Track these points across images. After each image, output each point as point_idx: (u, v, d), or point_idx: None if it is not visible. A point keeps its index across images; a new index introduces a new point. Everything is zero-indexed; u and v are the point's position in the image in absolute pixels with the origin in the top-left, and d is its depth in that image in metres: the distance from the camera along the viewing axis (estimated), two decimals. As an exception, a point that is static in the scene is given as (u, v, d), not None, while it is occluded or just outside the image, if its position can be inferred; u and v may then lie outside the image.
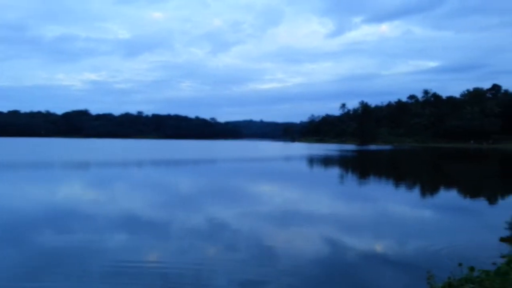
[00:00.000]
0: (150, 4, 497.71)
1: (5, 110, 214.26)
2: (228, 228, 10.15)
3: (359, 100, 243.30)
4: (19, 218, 11.08)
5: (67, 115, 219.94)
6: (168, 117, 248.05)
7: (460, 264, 5.00)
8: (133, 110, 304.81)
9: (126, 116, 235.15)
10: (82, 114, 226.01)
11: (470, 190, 19.90)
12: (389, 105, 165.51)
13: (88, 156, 46.10)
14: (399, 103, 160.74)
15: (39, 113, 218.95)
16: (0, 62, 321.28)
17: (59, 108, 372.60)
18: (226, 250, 8.23)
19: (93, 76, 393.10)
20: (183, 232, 9.68)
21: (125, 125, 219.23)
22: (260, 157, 49.04)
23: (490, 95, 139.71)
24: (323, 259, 7.69)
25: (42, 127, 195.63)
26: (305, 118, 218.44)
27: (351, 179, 24.70)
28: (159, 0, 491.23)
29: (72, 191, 16.98)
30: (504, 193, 19.00)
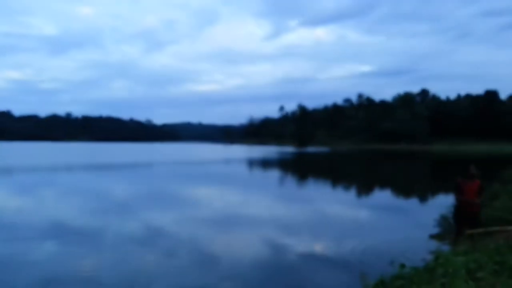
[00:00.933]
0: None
1: None
2: (165, 234, 9.87)
3: (297, 102, 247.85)
4: None
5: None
6: (100, 119, 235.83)
7: (391, 263, 5.16)
8: (61, 111, 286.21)
9: (53, 118, 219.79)
10: (4, 115, 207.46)
11: (401, 190, 20.49)
12: (326, 108, 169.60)
13: (8, 160, 42.47)
14: (335, 106, 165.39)
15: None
16: None
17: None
18: (164, 257, 7.97)
19: (15, 74, 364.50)
20: (118, 240, 9.22)
21: (52, 128, 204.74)
22: (198, 161, 47.96)
23: (419, 99, 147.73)
24: (263, 261, 7.72)
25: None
26: (244, 120, 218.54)
27: (289, 181, 24.82)
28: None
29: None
30: (433, 192, 19.53)
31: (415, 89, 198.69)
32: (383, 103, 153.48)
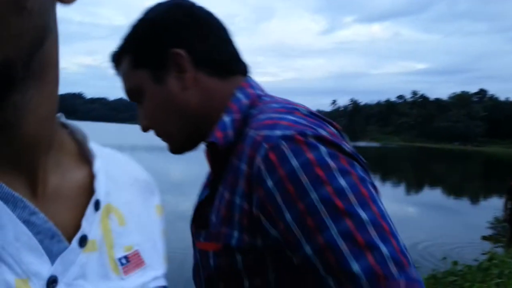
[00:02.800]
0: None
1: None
2: None
3: (349, 97, 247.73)
4: None
5: (61, 97, 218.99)
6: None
7: (444, 258, 5.04)
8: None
9: (121, 101, 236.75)
10: (76, 97, 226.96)
11: (453, 190, 20.66)
12: (378, 103, 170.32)
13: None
14: (388, 102, 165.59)
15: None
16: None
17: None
18: None
19: (87, 60, 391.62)
20: None
21: (119, 110, 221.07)
22: None
23: (476, 99, 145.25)
24: None
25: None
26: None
27: None
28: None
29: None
30: (485, 194, 19.56)
31: (470, 88, 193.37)
32: (437, 101, 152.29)
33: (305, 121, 0.68)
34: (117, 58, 0.86)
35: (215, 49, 0.82)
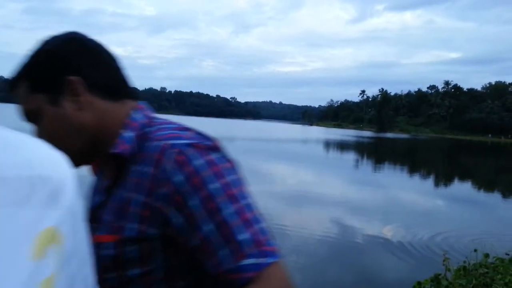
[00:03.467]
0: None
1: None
2: None
3: (378, 87, 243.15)
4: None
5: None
6: (190, 94, 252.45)
7: (475, 250, 5.06)
8: (156, 85, 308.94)
9: (150, 91, 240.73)
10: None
11: (486, 183, 20.28)
12: (408, 94, 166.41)
13: None
14: (419, 92, 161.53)
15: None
16: (28, 32, 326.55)
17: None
18: None
19: (119, 51, 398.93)
20: None
21: (149, 100, 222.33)
22: (280, 139, 51.13)
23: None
24: (336, 241, 7.96)
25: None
26: (324, 103, 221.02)
27: (366, 165, 25.93)
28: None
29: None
30: None
31: (506, 79, 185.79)
32: (471, 91, 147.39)
33: (199, 136, 0.88)
34: (15, 83, 0.92)
35: (106, 75, 0.93)
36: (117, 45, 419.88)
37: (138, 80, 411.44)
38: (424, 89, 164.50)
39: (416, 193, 15.14)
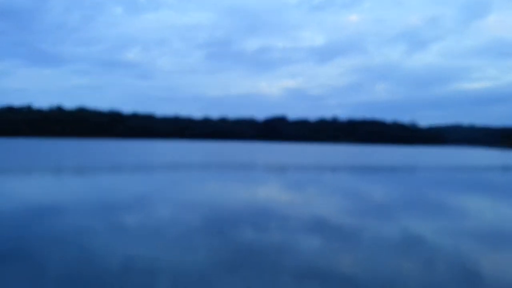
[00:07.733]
0: (344, 8, 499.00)
1: (215, 116, 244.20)
2: (424, 244, 9.48)
3: None
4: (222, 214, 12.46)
5: (268, 121, 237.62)
6: (363, 122, 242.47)
7: None
8: (328, 114, 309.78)
9: (321, 122, 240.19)
10: (280, 120, 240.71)
11: None
12: None
13: (288, 159, 47.78)
14: None
15: (243, 119, 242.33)
16: (211, 74, 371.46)
17: (261, 113, 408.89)
18: (420, 267, 7.65)
19: (290, 83, 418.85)
20: (374, 242, 9.41)
21: (320, 130, 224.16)
22: (466, 166, 43.61)
23: None
24: None
25: (246, 131, 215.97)
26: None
27: None
28: (353, 3, 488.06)
29: (270, 192, 18.48)
30: None
31: None
32: None
33: None
34: None
35: None
36: (288, 77, 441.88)
37: (310, 110, 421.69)
38: None
39: None
